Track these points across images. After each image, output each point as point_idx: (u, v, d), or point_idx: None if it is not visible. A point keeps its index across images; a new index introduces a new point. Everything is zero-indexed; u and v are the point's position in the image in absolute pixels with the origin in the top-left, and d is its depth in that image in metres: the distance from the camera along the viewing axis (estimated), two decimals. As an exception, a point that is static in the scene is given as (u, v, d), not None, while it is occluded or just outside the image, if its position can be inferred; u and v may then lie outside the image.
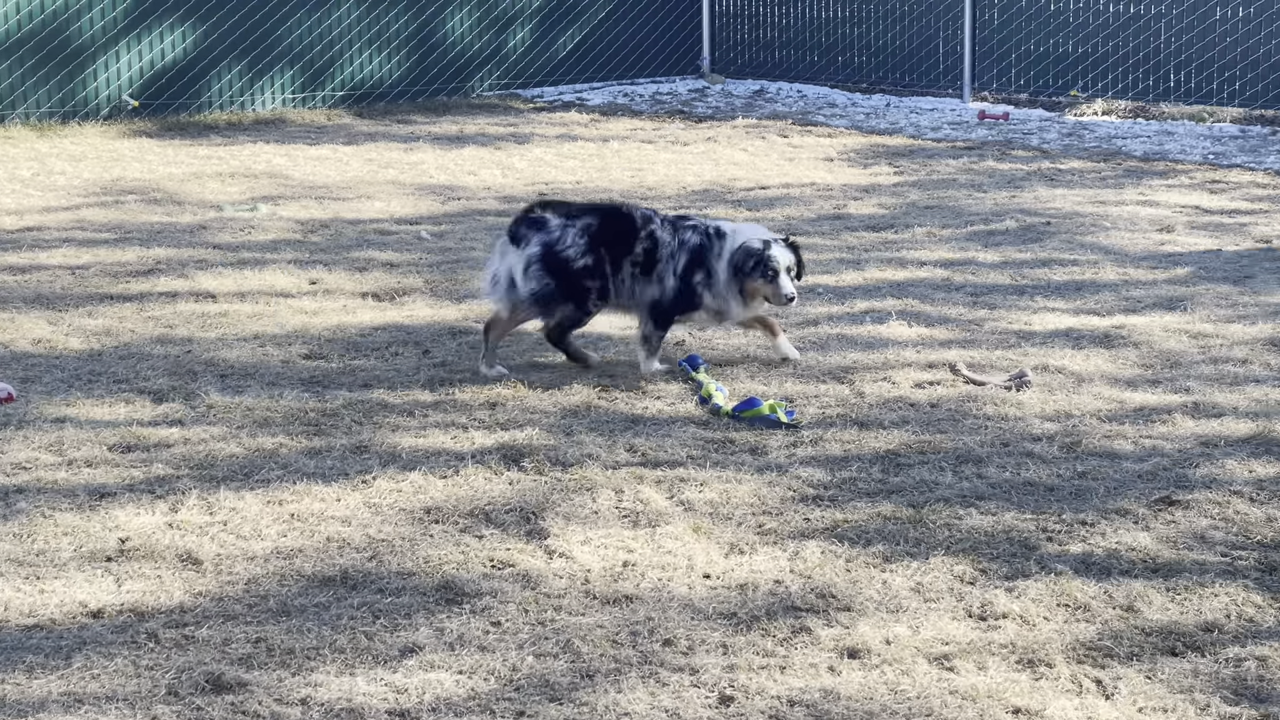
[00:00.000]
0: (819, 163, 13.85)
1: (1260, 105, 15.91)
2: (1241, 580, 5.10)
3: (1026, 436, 6.55)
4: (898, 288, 9.17)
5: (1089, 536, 5.49)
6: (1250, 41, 15.84)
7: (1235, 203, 11.78)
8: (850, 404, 7.02)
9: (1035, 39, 17.39)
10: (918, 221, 11.12)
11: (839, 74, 19.08)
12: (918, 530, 5.55)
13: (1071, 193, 12.21)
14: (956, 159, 14.03)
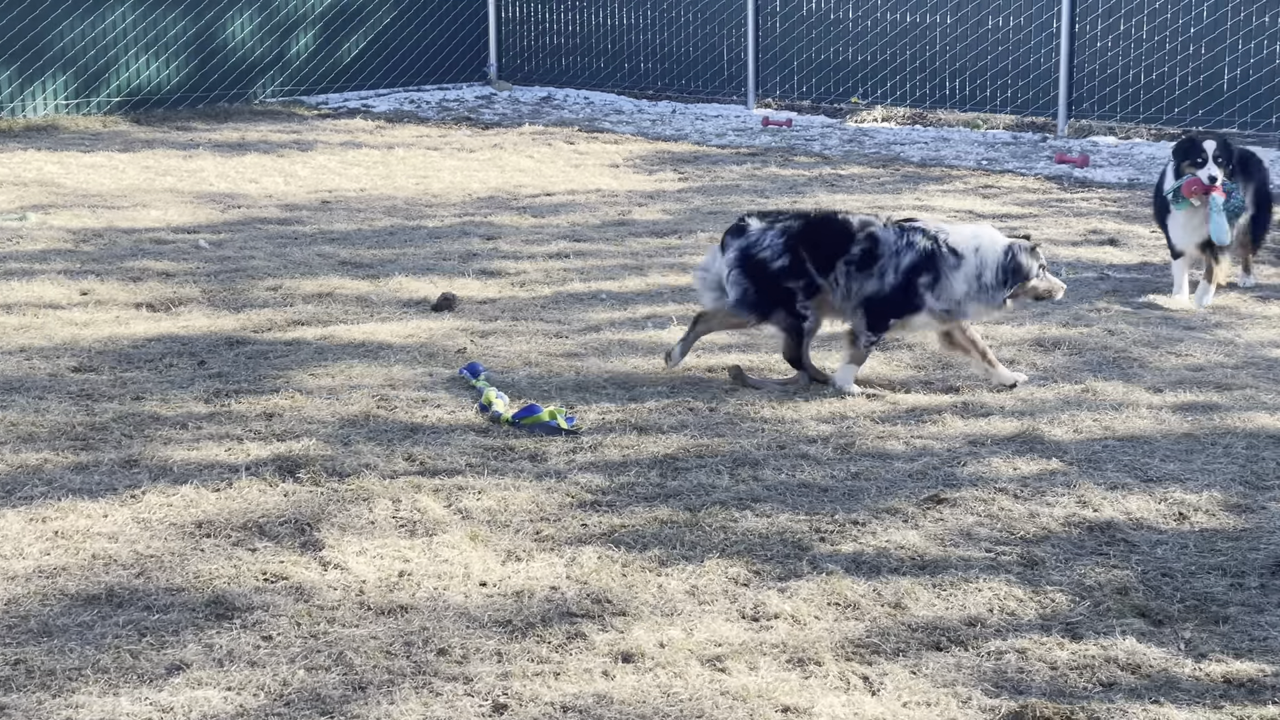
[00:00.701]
0: (605, 169, 13.92)
1: (1031, 112, 16.38)
2: (1004, 575, 5.24)
3: (802, 439, 6.65)
4: (680, 293, 9.24)
5: (860, 536, 5.59)
6: (1021, 50, 16.31)
7: (1007, 207, 12.11)
8: (630, 409, 7.05)
9: (817, 47, 17.69)
10: (701, 227, 11.23)
11: (626, 81, 19.19)
12: (694, 533, 5.60)
13: (851, 198, 12.43)
14: (740, 165, 14.20)
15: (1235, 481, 6.07)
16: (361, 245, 10.55)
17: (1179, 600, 5.02)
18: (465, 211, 11.82)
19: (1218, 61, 15.05)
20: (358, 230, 11.07)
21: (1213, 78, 15.11)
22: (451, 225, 11.29)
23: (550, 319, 8.65)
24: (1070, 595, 5.08)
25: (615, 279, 9.64)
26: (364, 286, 9.34)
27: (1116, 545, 5.50)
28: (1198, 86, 15.20)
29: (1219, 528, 5.63)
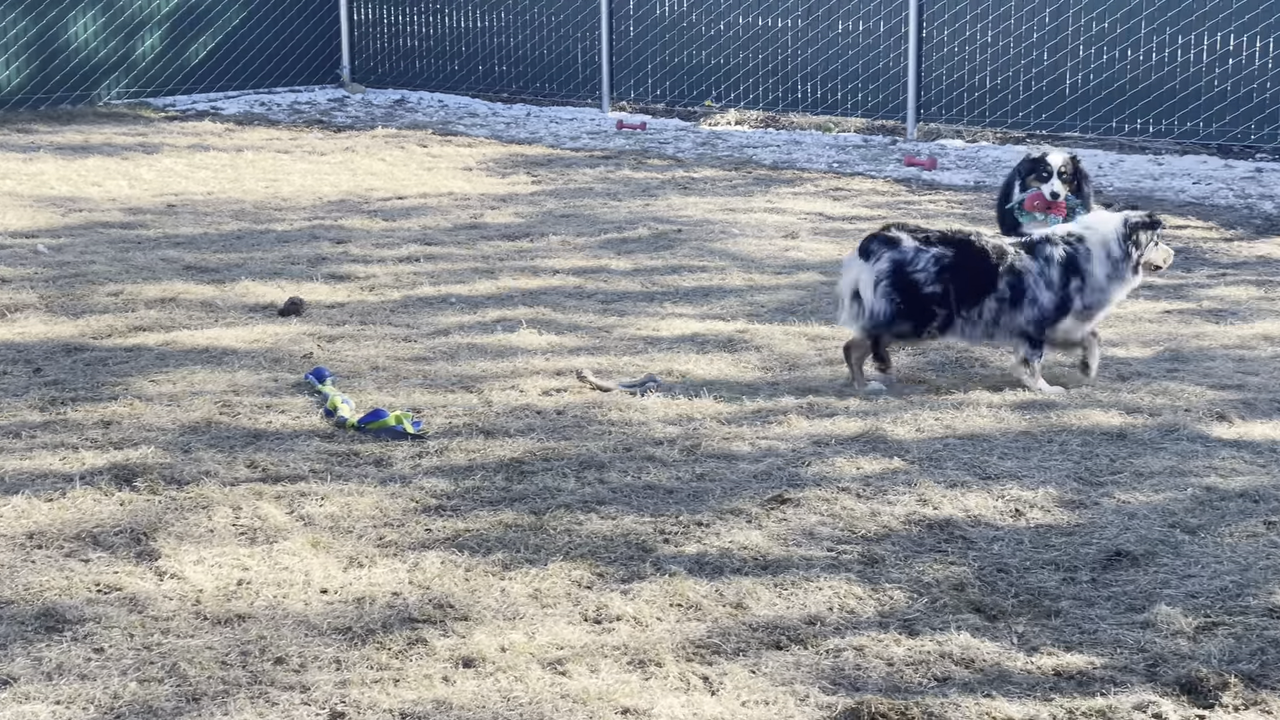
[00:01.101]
0: (458, 172, 13.86)
1: (881, 116, 16.59)
2: (845, 574, 5.29)
3: (649, 441, 6.67)
4: (530, 296, 9.23)
5: (704, 537, 5.62)
6: (871, 55, 16.50)
7: (856, 209, 12.25)
8: (478, 413, 7.03)
9: (671, 50, 17.76)
10: (553, 230, 11.23)
11: (481, 84, 19.13)
12: (538, 537, 5.60)
13: (703, 200, 12.50)
14: (594, 168, 14.21)
15: (1070, 478, 6.19)
16: (207, 249, 10.40)
17: (1013, 595, 5.11)
18: (315, 215, 11.71)
19: (1060, 66, 15.35)
20: (204, 234, 10.92)
21: (1055, 82, 15.40)
22: (301, 229, 11.18)
23: (399, 323, 8.60)
24: (908, 592, 5.14)
25: (466, 282, 9.60)
26: (209, 291, 9.21)
27: (955, 542, 5.58)
28: (1041, 91, 15.48)
29: (1053, 523, 5.74)
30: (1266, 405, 7.13)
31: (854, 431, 6.78)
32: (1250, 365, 7.78)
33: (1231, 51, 14.46)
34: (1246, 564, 5.32)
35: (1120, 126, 15.12)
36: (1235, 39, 14.41)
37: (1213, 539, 5.55)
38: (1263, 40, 14.31)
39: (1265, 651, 4.67)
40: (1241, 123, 14.47)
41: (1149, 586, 5.16)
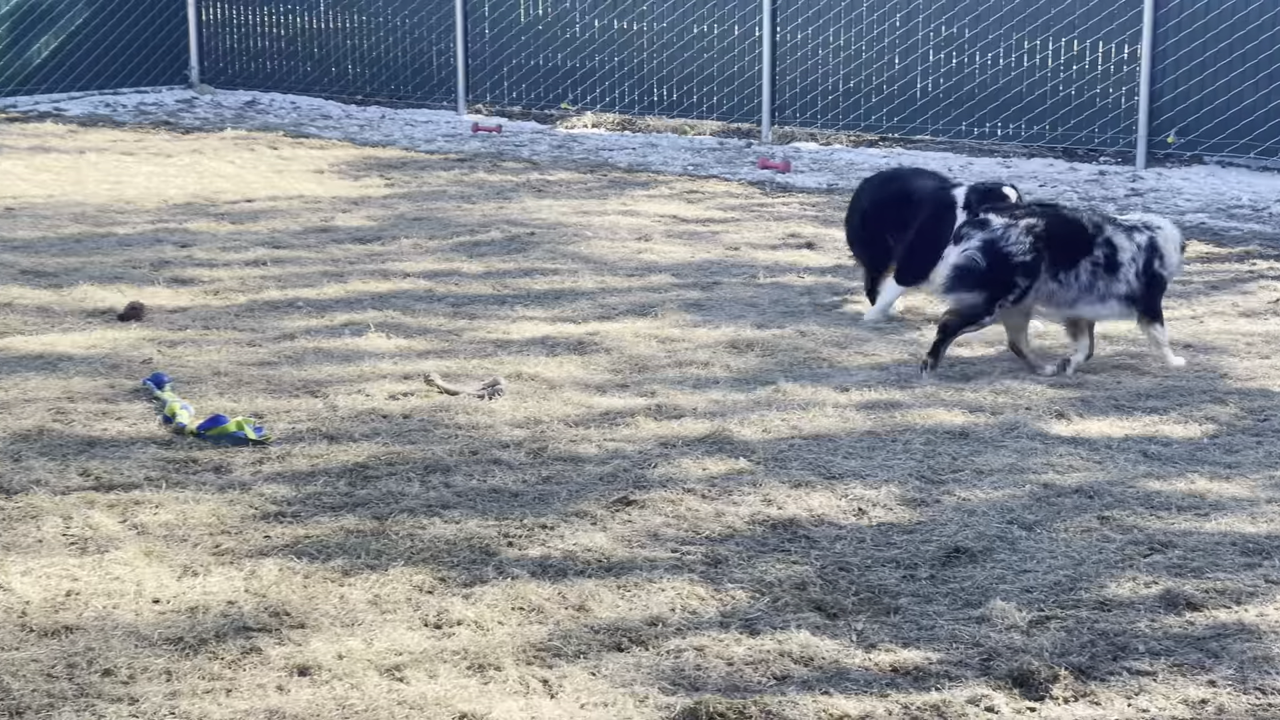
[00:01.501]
0: (309, 175, 13.70)
1: (737, 119, 16.67)
2: (688, 574, 5.29)
3: (495, 444, 6.63)
4: (380, 299, 9.14)
5: (548, 540, 5.59)
6: (726, 58, 16.58)
7: (710, 212, 12.29)
8: (322, 418, 6.94)
9: (527, 53, 17.71)
10: (405, 233, 11.14)
11: (334, 85, 18.94)
12: (380, 542, 5.53)
13: (558, 203, 12.48)
14: (448, 171, 14.12)
15: (912, 476, 6.25)
16: (46, 253, 10.17)
17: (854, 593, 5.15)
18: (160, 218, 11.51)
19: (911, 70, 15.53)
20: (42, 238, 10.68)
21: (907, 86, 15.59)
22: (144, 232, 10.97)
23: (243, 327, 8.47)
24: (750, 592, 5.16)
25: (314, 286, 9.49)
26: (46, 296, 9.01)
27: (798, 541, 5.61)
28: (893, 94, 15.66)
29: (895, 521, 5.79)
30: (1103, 403, 7.26)
31: (701, 433, 6.79)
32: (1089, 364, 7.91)
33: (1076, 56, 14.73)
34: (1080, 558, 5.40)
35: (970, 130, 15.34)
36: (1079, 44, 14.68)
37: (1048, 534, 5.64)
38: (1105, 45, 14.59)
39: (1095, 644, 4.74)
40: (1086, 126, 14.75)
41: (986, 582, 5.22)
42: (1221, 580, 5.21)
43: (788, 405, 7.19)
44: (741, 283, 9.74)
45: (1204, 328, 8.71)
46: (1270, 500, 5.98)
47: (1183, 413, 7.11)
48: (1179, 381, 7.63)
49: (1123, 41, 14.48)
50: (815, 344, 8.26)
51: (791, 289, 9.60)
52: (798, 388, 7.46)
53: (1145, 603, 5.04)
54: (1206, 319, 8.91)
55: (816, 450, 6.58)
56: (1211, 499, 5.99)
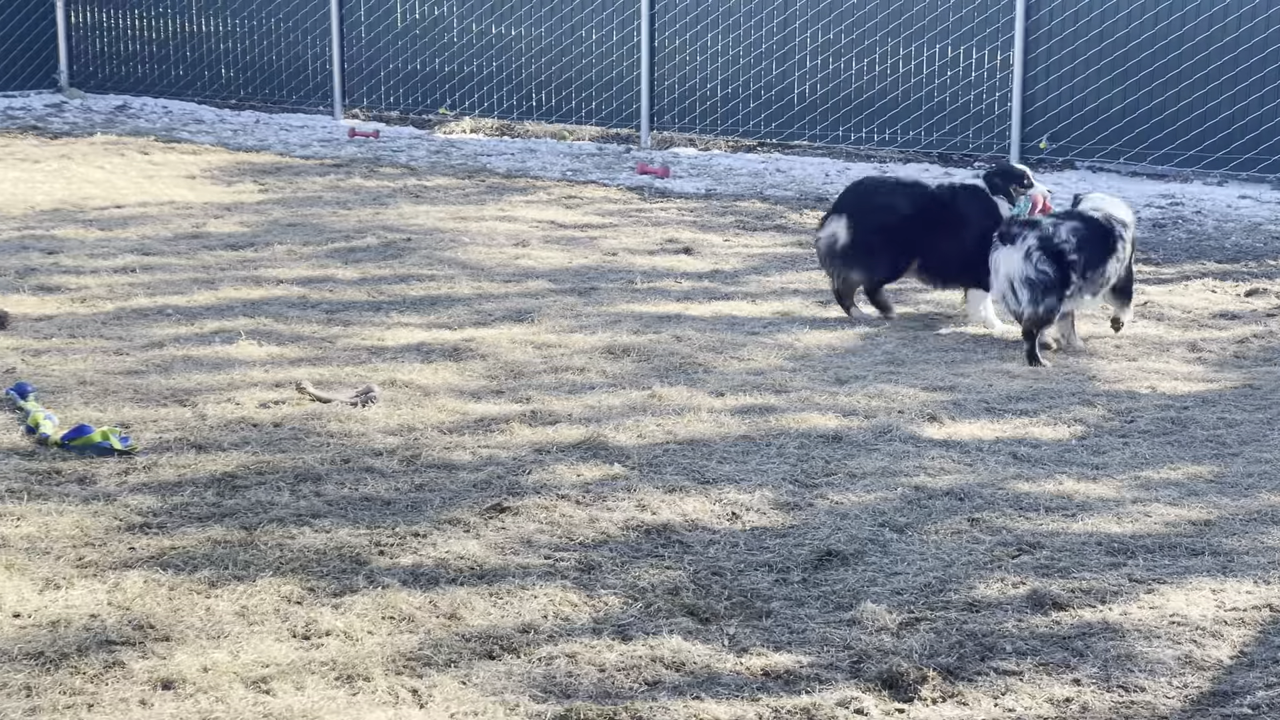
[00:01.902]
0: (181, 180, 13.51)
1: (616, 124, 16.68)
2: (561, 581, 5.27)
3: (368, 452, 6.57)
4: (252, 306, 9.03)
5: (420, 548, 5.55)
6: (605, 63, 16.58)
7: (588, 217, 12.28)
8: (190, 427, 6.84)
9: (404, 57, 17.60)
10: (279, 239, 11.01)
11: (208, 90, 18.70)
12: (248, 553, 5.46)
13: (435, 209, 12.40)
14: (324, 176, 13.99)
15: (786, 480, 6.28)
16: (-92, 261, 9.95)
17: (726, 598, 5.15)
18: (25, 225, 11.29)
19: (789, 76, 15.63)
20: (-95, 245, 10.45)
21: (784, 91, 15.67)
22: (9, 239, 10.76)
23: (111, 335, 8.32)
24: (623, 598, 5.15)
25: (184, 293, 9.35)
26: (-93, 305, 8.81)
27: (671, 547, 5.61)
28: (771, 100, 15.74)
29: (768, 525, 5.81)
30: (974, 405, 7.34)
31: (576, 439, 6.77)
32: (961, 368, 8.00)
33: (950, 62, 14.90)
34: (949, 560, 5.45)
35: (847, 135, 15.46)
36: (954, 50, 14.85)
37: (919, 537, 5.68)
38: (979, 52, 14.77)
39: (963, 645, 4.79)
40: (960, 131, 14.92)
41: (857, 585, 5.25)
42: (1087, 580, 5.28)
43: (663, 410, 7.20)
44: (619, 288, 9.74)
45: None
46: (1135, 500, 6.07)
47: (1052, 415, 7.21)
48: (1049, 384, 7.73)
49: (996, 48, 14.67)
50: (691, 349, 8.28)
51: (669, 294, 9.61)
52: (673, 392, 7.47)
53: (1013, 603, 5.10)
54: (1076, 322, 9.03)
55: (691, 455, 6.58)
56: (1079, 500, 6.07)
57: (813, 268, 10.39)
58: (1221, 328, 8.99)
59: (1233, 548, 5.60)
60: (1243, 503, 6.07)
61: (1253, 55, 13.50)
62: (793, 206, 12.84)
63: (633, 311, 9.09)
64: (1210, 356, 8.33)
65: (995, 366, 8.04)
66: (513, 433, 6.86)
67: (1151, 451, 6.68)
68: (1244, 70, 13.54)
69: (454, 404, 7.27)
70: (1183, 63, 13.81)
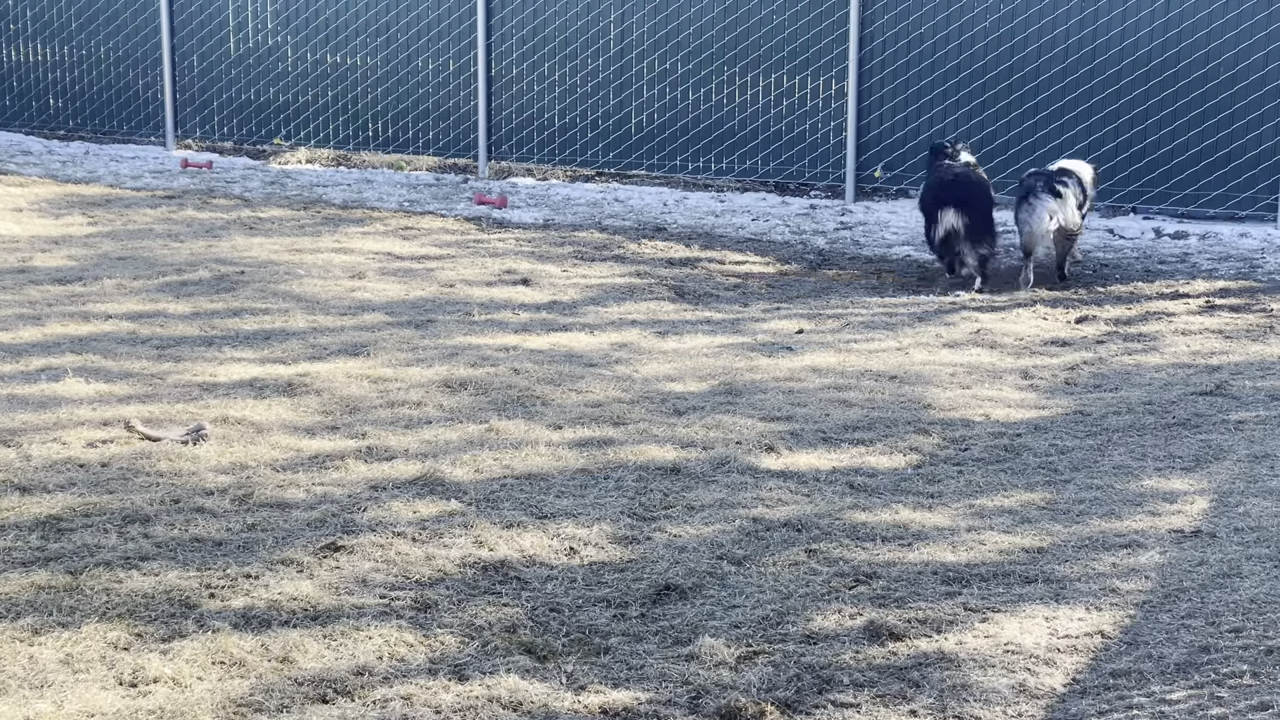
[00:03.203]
0: (7, 213, 13.17)
1: (454, 154, 16.60)
2: (396, 620, 5.19)
3: (199, 491, 6.43)
4: (79, 343, 8.81)
5: (252, 590, 5.43)
6: (442, 93, 16.50)
7: (426, 248, 12.18)
8: (14, 468, 6.64)
9: (238, 86, 17.37)
10: (108, 273, 10.77)
11: (35, 120, 18.28)
12: (73, 598, 5.30)
13: (270, 241, 12.23)
14: (156, 208, 13.74)
15: (624, 514, 6.25)
16: None
17: (564, 635, 5.11)
18: None
19: (626, 106, 15.67)
20: None
21: (621, 121, 15.72)
22: None
23: (-69, 374, 8.07)
24: (460, 637, 5.08)
25: (8, 329, 9.10)
26: None
27: (509, 583, 5.56)
28: (609, 130, 15.78)
29: (607, 560, 5.78)
30: (812, 435, 7.38)
31: (412, 474, 6.69)
32: (799, 397, 8.05)
33: (786, 92, 15.06)
34: (788, 592, 5.47)
35: (684, 165, 15.54)
36: (789, 80, 15.01)
37: (757, 569, 5.69)
38: (814, 82, 14.94)
39: (801, 678, 4.79)
40: (797, 161, 15.07)
41: (695, 619, 5.24)
42: (923, 610, 5.33)
43: (500, 444, 7.14)
44: (456, 320, 9.67)
45: (909, 359, 8.94)
46: (970, 529, 6.14)
47: (888, 444, 7.28)
48: (885, 412, 7.81)
49: (830, 78, 14.86)
50: (529, 381, 8.23)
51: (507, 326, 9.56)
52: (511, 426, 7.42)
53: (850, 634, 5.12)
54: (911, 350, 9.16)
55: (529, 489, 6.54)
56: (914, 529, 6.13)
57: (651, 298, 10.43)
58: (1053, 354, 9.17)
59: (1065, 574, 5.68)
60: (1075, 529, 6.17)
61: (1079, 70, 13.82)
62: (631, 236, 12.86)
63: (470, 344, 9.03)
64: (1042, 383, 8.48)
65: (833, 396, 8.10)
66: (348, 469, 6.76)
67: (985, 479, 6.77)
68: (1072, 87, 13.85)
69: (288, 440, 7.15)
70: (1014, 91, 14.09)
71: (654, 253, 12.19)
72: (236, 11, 17.29)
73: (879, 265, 11.94)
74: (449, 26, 16.33)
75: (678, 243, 12.63)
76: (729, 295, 10.70)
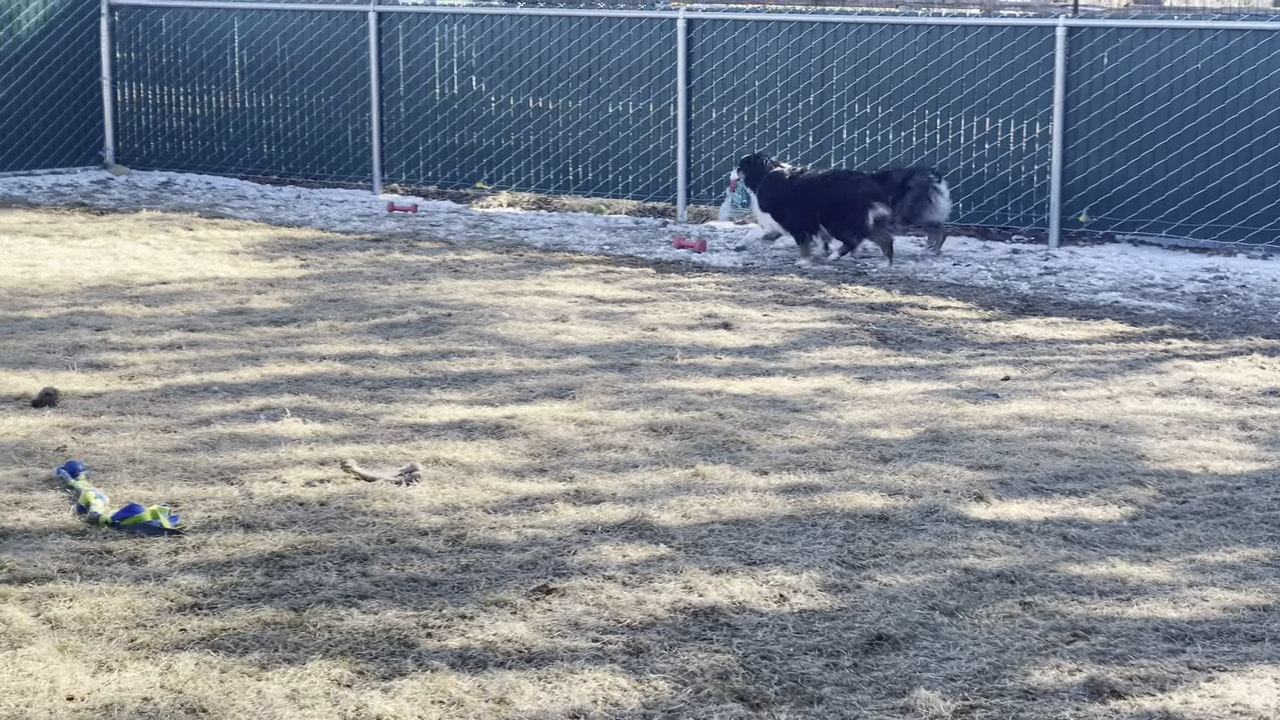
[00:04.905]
0: (225, 256, 13.60)
1: (652, 198, 16.75)
2: (609, 664, 5.25)
3: (413, 531, 6.57)
4: (296, 383, 9.07)
5: (468, 630, 5.54)
6: (641, 137, 16.66)
7: (627, 292, 12.30)
8: (238, 505, 6.86)
9: (443, 132, 17.72)
10: (321, 315, 11.06)
11: (249, 165, 18.85)
12: (298, 634, 5.46)
13: (474, 284, 12.45)
14: (364, 251, 14.07)
15: (833, 561, 6.25)
16: (-43, 338, 10.03)
17: (776, 683, 5.12)
18: (74, 301, 11.37)
19: (825, 150, 15.67)
20: (-47, 323, 10.53)
21: (821, 165, 15.71)
22: (58, 316, 10.84)
23: (159, 413, 8.36)
24: (673, 682, 5.12)
25: (229, 370, 9.39)
26: (-44, 382, 8.87)
27: (720, 629, 5.59)
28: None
29: (817, 608, 5.78)
30: (1022, 485, 7.30)
31: (621, 519, 6.76)
32: (1007, 445, 7.97)
33: (988, 135, 14.94)
34: (1003, 645, 5.41)
35: (884, 209, 15.45)
36: (991, 123, 14.88)
37: (970, 620, 5.64)
38: (1016, 125, 14.80)
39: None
40: (999, 205, 14.93)
41: (909, 670, 5.21)
42: (1145, 667, 5.23)
43: (707, 489, 7.18)
44: (659, 364, 9.75)
45: (1120, 408, 8.80)
46: (1191, 584, 6.02)
47: (1101, 495, 7.16)
48: (1097, 463, 7.69)
49: (1034, 121, 14.70)
50: (734, 426, 8.27)
51: (709, 370, 9.61)
52: (717, 471, 7.46)
53: (1069, 691, 5.05)
54: (1123, 399, 9.01)
55: (737, 535, 6.56)
56: (1133, 583, 6.02)
57: (852, 343, 10.41)
58: (1271, 405, 8.94)
59: (1289, 632, 5.55)
60: (1297, 585, 6.01)
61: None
62: (830, 281, 12.85)
63: (674, 388, 9.09)
64: (1261, 435, 8.28)
65: (1042, 445, 8.00)
66: (557, 512, 6.86)
67: (1205, 533, 6.63)
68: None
69: (498, 482, 7.27)
70: (1225, 135, 13.81)
71: (854, 297, 12.16)
72: (443, 59, 17.67)
73: (1085, 311, 11.77)
74: (649, 72, 16.50)
75: (878, 287, 12.59)
76: (932, 341, 10.63)
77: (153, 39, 19.07)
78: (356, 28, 17.90)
